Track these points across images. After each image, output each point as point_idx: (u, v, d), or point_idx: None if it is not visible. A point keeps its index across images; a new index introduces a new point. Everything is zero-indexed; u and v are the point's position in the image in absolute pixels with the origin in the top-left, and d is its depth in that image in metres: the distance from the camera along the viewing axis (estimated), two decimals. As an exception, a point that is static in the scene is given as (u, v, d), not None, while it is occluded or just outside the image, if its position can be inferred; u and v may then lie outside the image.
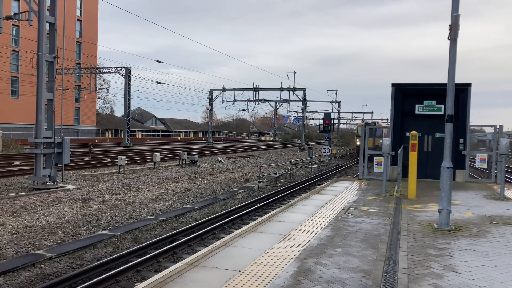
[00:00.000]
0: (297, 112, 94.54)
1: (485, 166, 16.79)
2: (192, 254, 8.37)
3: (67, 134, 61.58)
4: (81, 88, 67.79)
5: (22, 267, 8.95)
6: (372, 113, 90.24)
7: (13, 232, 11.76)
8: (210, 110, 71.68)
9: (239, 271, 6.23)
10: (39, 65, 18.72)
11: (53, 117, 19.20)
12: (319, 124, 69.33)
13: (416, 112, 17.84)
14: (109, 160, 33.52)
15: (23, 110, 60.50)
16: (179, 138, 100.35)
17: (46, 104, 19.16)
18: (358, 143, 44.05)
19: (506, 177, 22.92)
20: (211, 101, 69.43)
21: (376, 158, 15.09)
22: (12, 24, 59.68)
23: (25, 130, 60.95)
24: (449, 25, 9.18)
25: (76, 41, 71.75)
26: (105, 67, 61.37)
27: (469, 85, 17.46)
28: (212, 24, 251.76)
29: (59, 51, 19.50)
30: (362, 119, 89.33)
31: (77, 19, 72.40)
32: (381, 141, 27.79)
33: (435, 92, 17.52)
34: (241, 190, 20.12)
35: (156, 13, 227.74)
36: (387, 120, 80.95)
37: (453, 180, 10.26)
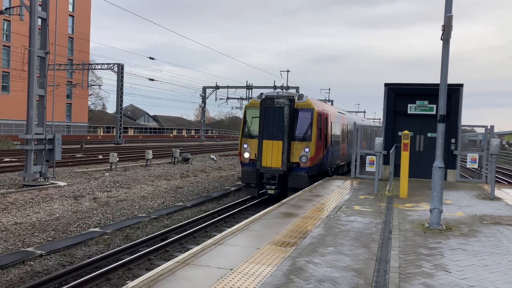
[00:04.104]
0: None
1: (476, 166, 16.91)
2: (184, 252, 8.33)
3: (59, 131, 61.05)
4: (73, 84, 67.31)
5: (11, 265, 8.86)
6: (364, 112, 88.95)
7: (3, 229, 11.65)
8: (203, 108, 71.60)
9: (231, 269, 6.22)
10: (30, 61, 18.54)
11: (45, 113, 19.04)
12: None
13: (409, 111, 17.93)
14: (100, 157, 33.33)
15: (14, 106, 59.94)
16: (171, 135, 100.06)
17: (37, 100, 18.98)
18: (246, 155, 16.47)
19: (497, 177, 23.12)
20: (204, 98, 69.30)
21: (368, 157, 15.12)
22: (3, 19, 59.08)
23: (16, 126, 60.42)
24: (442, 25, 9.23)
25: (68, 37, 71.20)
26: (97, 64, 61.03)
27: (461, 85, 17.56)
28: (206, 21, 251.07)
29: (51, 47, 19.33)
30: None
31: (70, 15, 71.82)
32: (306, 149, 15.42)
33: (427, 92, 17.60)
34: (233, 188, 20.10)
35: (150, 9, 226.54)
36: (380, 119, 80.00)
37: (444, 180, 10.32)
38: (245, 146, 16.50)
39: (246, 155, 16.42)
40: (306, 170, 15.61)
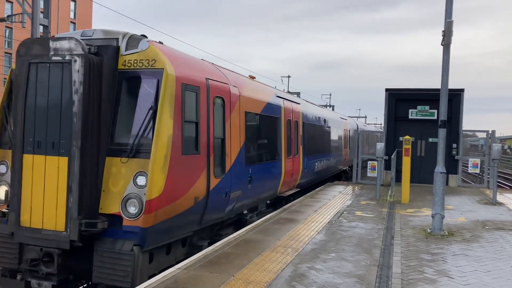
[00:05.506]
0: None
1: (477, 171, 16.90)
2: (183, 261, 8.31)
3: (60, 137, 61.15)
4: (75, 91, 67.37)
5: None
6: (365, 117, 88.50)
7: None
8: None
9: (233, 276, 6.20)
10: (32, 68, 18.59)
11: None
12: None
13: (410, 117, 17.95)
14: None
15: (15, 113, 60.02)
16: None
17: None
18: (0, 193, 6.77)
19: (499, 182, 23.07)
20: (205, 104, 69.13)
21: (369, 163, 15.13)
22: (5, 26, 59.42)
23: (18, 133, 60.48)
24: (443, 31, 9.25)
25: (70, 44, 71.43)
26: (98, 70, 61.06)
27: (462, 90, 17.59)
28: (207, 28, 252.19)
29: (52, 54, 19.38)
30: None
31: (71, 22, 72.20)
32: (140, 179, 6.23)
33: (428, 97, 17.63)
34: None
35: (151, 16, 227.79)
36: (381, 124, 79.57)
37: (446, 185, 10.31)
38: (2, 168, 7.22)
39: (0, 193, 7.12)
40: (137, 237, 6.39)
